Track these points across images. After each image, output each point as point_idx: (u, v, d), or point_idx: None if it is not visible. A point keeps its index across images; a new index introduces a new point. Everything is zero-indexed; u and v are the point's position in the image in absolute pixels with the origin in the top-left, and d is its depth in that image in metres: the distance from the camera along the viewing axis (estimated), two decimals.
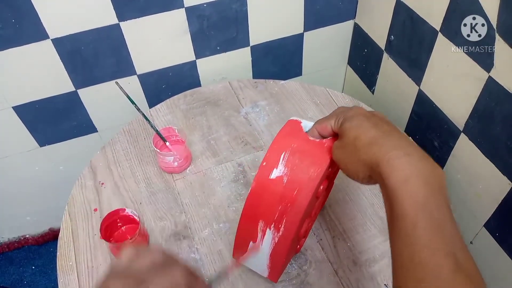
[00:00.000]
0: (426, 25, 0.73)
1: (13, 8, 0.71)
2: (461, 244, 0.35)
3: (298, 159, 0.46)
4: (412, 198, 0.36)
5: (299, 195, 0.46)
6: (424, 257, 0.33)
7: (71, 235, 0.65)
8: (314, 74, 1.07)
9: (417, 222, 0.35)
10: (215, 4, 0.83)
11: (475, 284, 0.33)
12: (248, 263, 0.56)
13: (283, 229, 0.47)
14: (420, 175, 0.36)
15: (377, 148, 0.39)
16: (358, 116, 0.43)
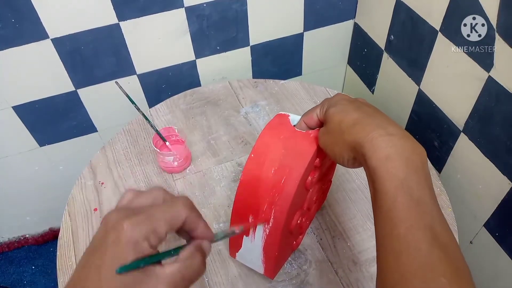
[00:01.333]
0: (426, 25, 0.73)
1: (13, 7, 0.71)
2: (439, 219, 0.36)
3: (285, 149, 0.47)
4: (392, 175, 0.37)
5: (286, 184, 0.46)
6: (402, 231, 0.35)
7: (71, 235, 0.65)
8: (314, 74, 1.07)
9: (397, 198, 0.36)
10: (215, 3, 0.83)
11: (451, 257, 0.35)
12: (244, 260, 0.56)
13: (273, 220, 0.47)
14: (401, 153, 0.38)
15: (361, 128, 0.41)
16: (341, 101, 0.45)
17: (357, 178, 0.71)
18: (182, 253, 0.34)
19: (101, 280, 0.30)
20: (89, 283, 0.31)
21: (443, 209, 0.66)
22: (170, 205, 0.34)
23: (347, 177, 0.71)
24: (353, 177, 0.71)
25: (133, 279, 0.31)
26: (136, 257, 0.30)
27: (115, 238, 0.31)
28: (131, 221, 0.31)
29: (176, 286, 0.32)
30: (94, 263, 0.31)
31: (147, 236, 0.31)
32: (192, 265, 0.34)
